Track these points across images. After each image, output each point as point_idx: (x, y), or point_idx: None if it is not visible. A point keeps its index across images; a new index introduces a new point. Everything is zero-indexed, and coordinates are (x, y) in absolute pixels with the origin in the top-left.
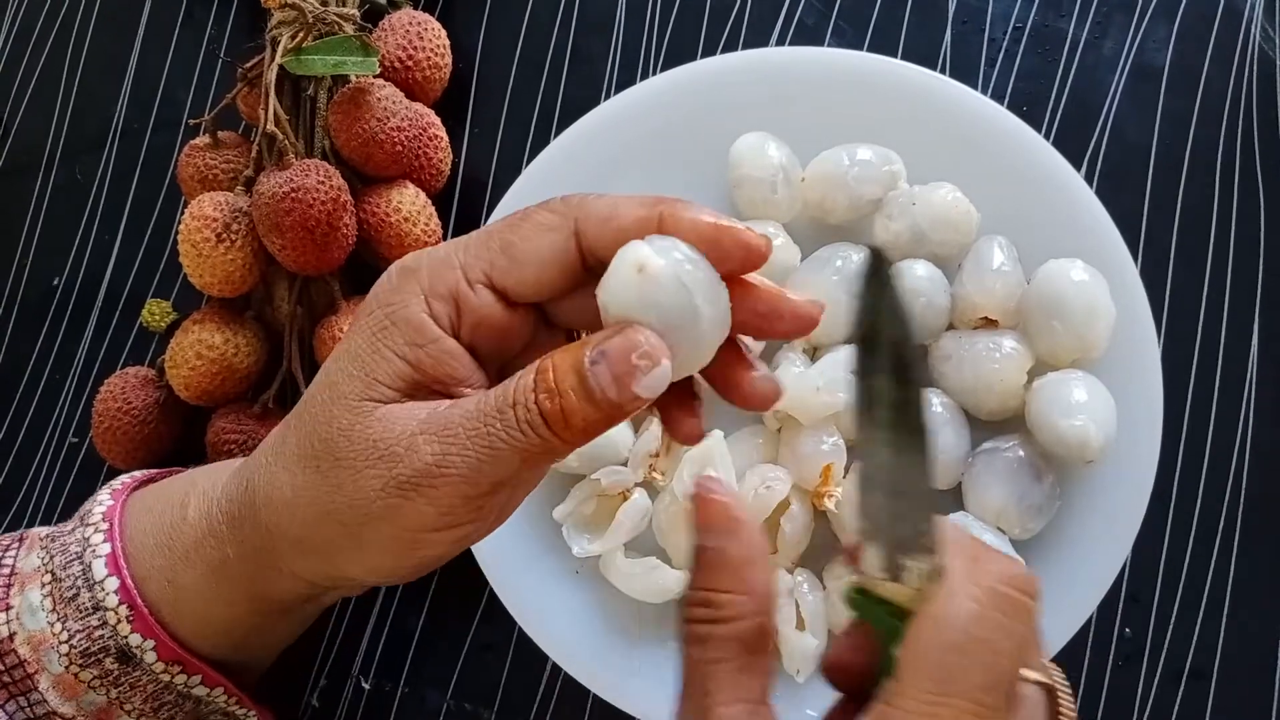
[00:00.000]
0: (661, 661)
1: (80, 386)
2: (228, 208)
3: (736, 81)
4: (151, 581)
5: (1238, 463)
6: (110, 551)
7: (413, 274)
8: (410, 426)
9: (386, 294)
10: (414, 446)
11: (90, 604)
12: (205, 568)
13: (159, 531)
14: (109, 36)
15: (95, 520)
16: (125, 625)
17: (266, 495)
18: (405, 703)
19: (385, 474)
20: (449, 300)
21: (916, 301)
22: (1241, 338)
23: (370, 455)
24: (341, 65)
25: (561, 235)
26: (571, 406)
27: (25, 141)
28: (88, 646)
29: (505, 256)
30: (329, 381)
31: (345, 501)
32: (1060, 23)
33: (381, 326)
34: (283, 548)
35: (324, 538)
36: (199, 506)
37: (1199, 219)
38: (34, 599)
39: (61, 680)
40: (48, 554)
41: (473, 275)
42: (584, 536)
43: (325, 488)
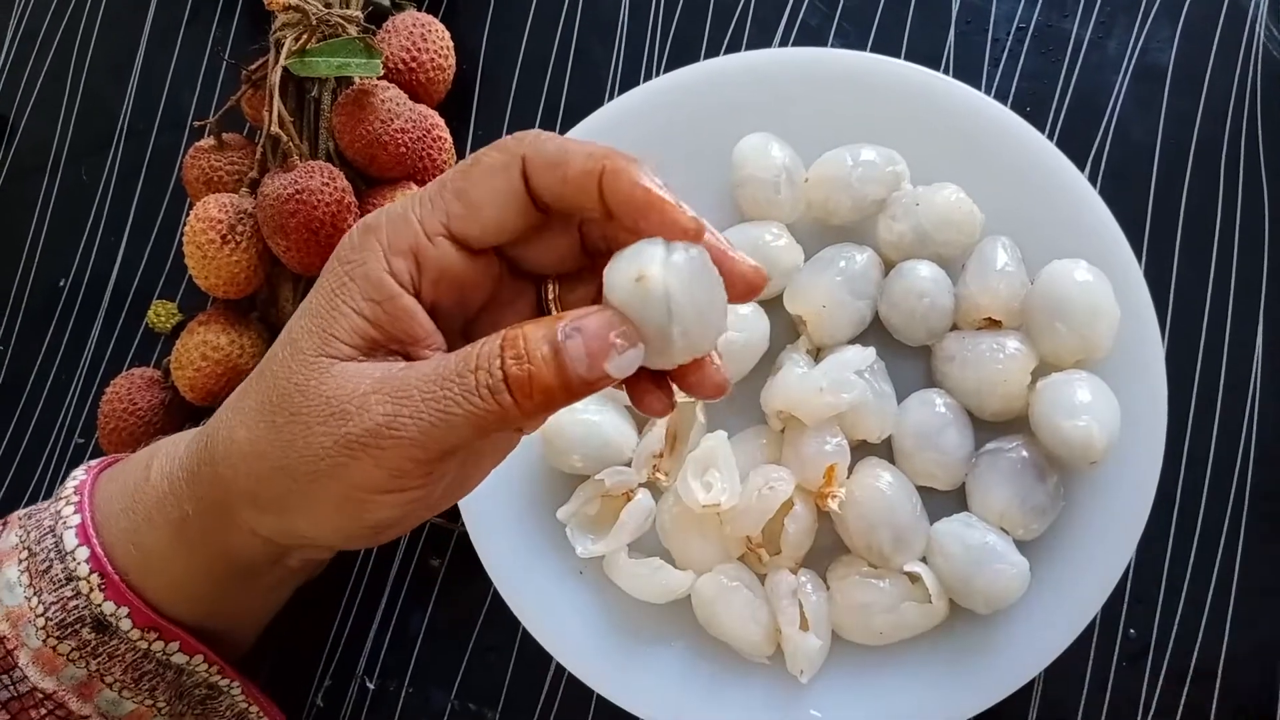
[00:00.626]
0: (665, 662)
1: (86, 387)
2: (232, 209)
3: (740, 82)
4: (119, 546)
5: (1242, 463)
6: (80, 522)
7: (373, 231)
8: (364, 385)
9: (348, 252)
10: (366, 405)
11: (63, 575)
12: (167, 527)
13: (124, 495)
14: (114, 39)
15: (67, 493)
16: (98, 594)
17: (225, 450)
18: (409, 703)
19: (335, 431)
20: (409, 255)
21: (920, 302)
22: (1246, 338)
23: (323, 412)
24: (345, 67)
25: (513, 174)
26: (539, 375)
27: (31, 143)
28: (63, 618)
29: (460, 203)
30: (289, 339)
31: (297, 457)
32: (1064, 23)
33: (341, 284)
34: (238, 502)
35: (276, 493)
36: (161, 467)
37: (1203, 219)
38: (11, 575)
39: (40, 655)
40: (25, 530)
41: (430, 227)
42: (588, 537)
43: (278, 443)
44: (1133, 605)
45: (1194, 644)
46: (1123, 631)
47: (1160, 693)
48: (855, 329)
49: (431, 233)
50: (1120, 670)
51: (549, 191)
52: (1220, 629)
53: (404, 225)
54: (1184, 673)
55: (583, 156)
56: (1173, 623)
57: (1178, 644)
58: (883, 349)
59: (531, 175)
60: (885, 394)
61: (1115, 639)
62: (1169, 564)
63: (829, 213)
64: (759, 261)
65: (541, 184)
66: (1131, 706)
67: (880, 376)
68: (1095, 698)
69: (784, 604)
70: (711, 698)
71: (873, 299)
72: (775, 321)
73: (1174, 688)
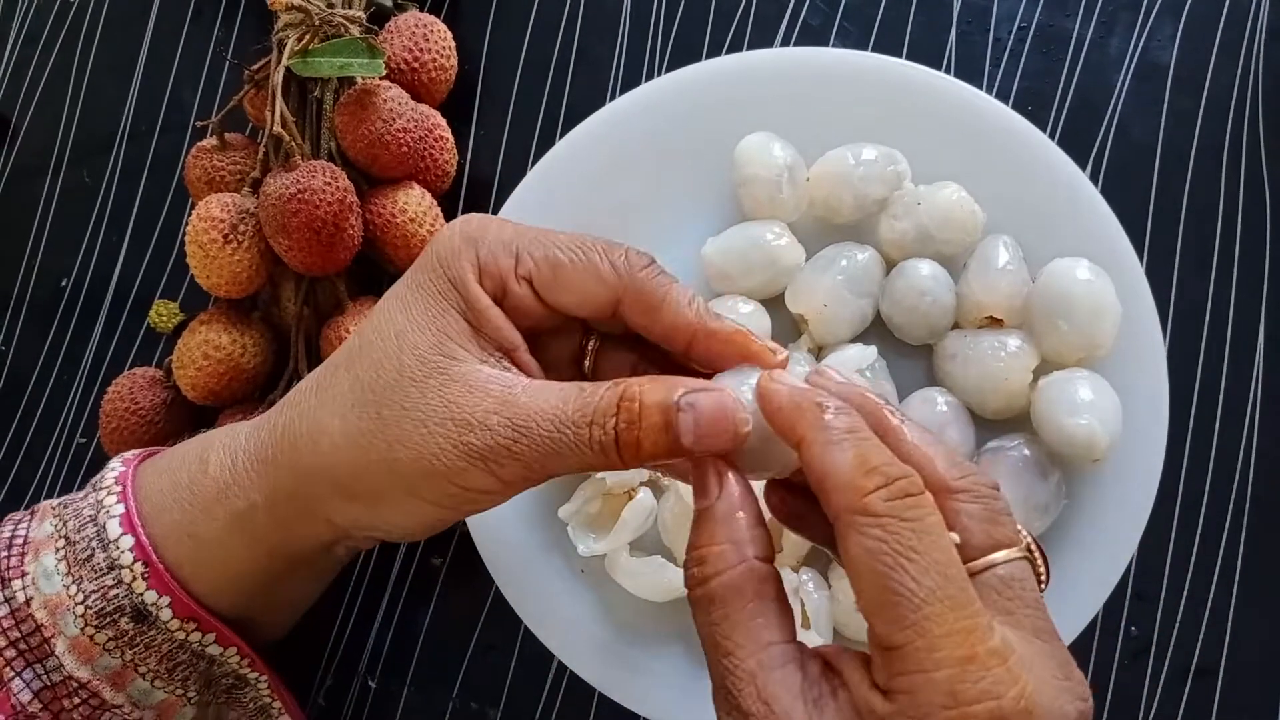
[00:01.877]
0: (667, 660)
1: (88, 387)
2: (235, 209)
3: (741, 82)
4: (170, 539)
5: (1244, 460)
6: (124, 511)
7: (473, 244)
8: (486, 402)
9: (447, 256)
10: (489, 423)
11: (105, 563)
12: (228, 518)
13: (176, 489)
14: (116, 40)
15: (108, 484)
16: (141, 582)
17: (311, 439)
18: (411, 702)
19: (456, 437)
20: (497, 280)
21: (921, 301)
22: (1247, 335)
23: (442, 415)
24: (348, 67)
25: (608, 292)
26: (648, 442)
27: (34, 144)
28: (103, 607)
29: (553, 274)
30: (394, 330)
31: (409, 453)
32: (1065, 22)
33: (443, 288)
34: (324, 492)
35: (374, 485)
36: (220, 460)
37: (1204, 217)
38: (49, 563)
39: (77, 643)
40: (60, 520)
41: (521, 271)
42: (589, 536)
43: (386, 436)
44: (1134, 603)
45: (1196, 641)
46: (1124, 629)
47: (1162, 690)
48: (857, 328)
49: (520, 275)
50: (1122, 668)
51: (634, 321)
52: (1222, 626)
53: (503, 255)
54: (1186, 670)
55: (679, 313)
56: (1175, 620)
57: (1180, 641)
58: (884, 348)
59: (624, 304)
60: (887, 392)
61: (1117, 637)
62: (1171, 561)
63: (831, 212)
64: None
65: (630, 314)
66: (1133, 704)
67: (882, 375)
68: (1097, 695)
69: None
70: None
71: (874, 298)
72: (777, 320)
73: (1176, 685)
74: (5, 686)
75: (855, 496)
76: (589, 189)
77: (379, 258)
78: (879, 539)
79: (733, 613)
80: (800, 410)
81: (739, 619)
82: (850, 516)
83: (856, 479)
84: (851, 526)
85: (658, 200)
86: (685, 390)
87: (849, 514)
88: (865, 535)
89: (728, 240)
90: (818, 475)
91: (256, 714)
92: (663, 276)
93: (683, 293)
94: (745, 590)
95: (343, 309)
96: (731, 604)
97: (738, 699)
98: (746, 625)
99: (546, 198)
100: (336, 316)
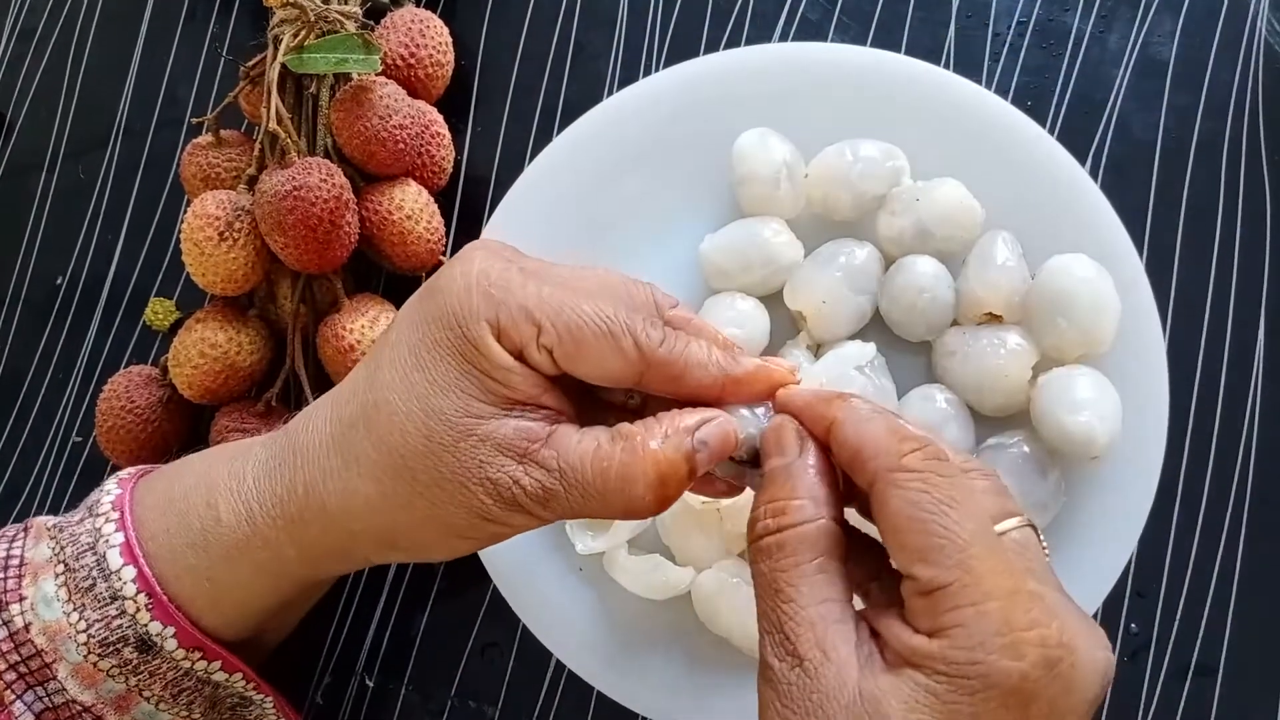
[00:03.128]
0: (665, 659)
1: (84, 385)
2: (230, 206)
3: (739, 78)
4: (185, 579)
5: (1243, 457)
6: (124, 541)
7: (493, 305)
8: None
9: (465, 316)
10: (522, 483)
11: (108, 594)
12: (253, 567)
13: (187, 532)
14: (111, 36)
15: (105, 510)
16: (145, 614)
17: (343, 503)
18: (409, 700)
19: (497, 494)
20: (516, 345)
21: (920, 298)
22: (1247, 332)
23: (479, 475)
24: (343, 63)
25: (630, 370)
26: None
27: (28, 141)
28: (106, 636)
29: (574, 347)
30: (414, 394)
31: (453, 512)
32: (1065, 17)
33: (463, 348)
34: (364, 546)
35: (420, 539)
36: (232, 507)
37: (1204, 214)
38: (48, 590)
39: (80, 669)
40: (58, 544)
41: (543, 341)
42: (587, 534)
43: (428, 498)
44: (1134, 600)
45: (1196, 639)
46: (1124, 627)
47: (1162, 688)
48: (855, 324)
49: (540, 345)
50: (1122, 666)
51: (657, 390)
52: (1222, 624)
53: (524, 322)
54: (1186, 668)
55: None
56: (1174, 618)
57: (1180, 639)
58: (883, 344)
59: (647, 378)
60: (886, 389)
61: (1117, 634)
62: (1171, 559)
63: (829, 208)
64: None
65: (653, 385)
66: (1134, 702)
67: (881, 372)
68: None
69: None
70: (711, 694)
71: (873, 294)
72: (775, 317)
73: (1176, 683)
74: (6, 710)
75: (894, 458)
76: (586, 186)
77: (375, 255)
78: (921, 489)
79: (802, 563)
80: (826, 401)
81: (807, 570)
82: (890, 475)
83: (893, 444)
84: (892, 484)
85: (655, 197)
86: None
87: (889, 473)
88: (906, 489)
89: (726, 237)
90: (852, 448)
91: None
92: (678, 344)
93: (700, 351)
94: (818, 544)
95: (339, 306)
96: (802, 555)
97: (795, 644)
98: (813, 577)
99: (543, 194)
100: (333, 314)
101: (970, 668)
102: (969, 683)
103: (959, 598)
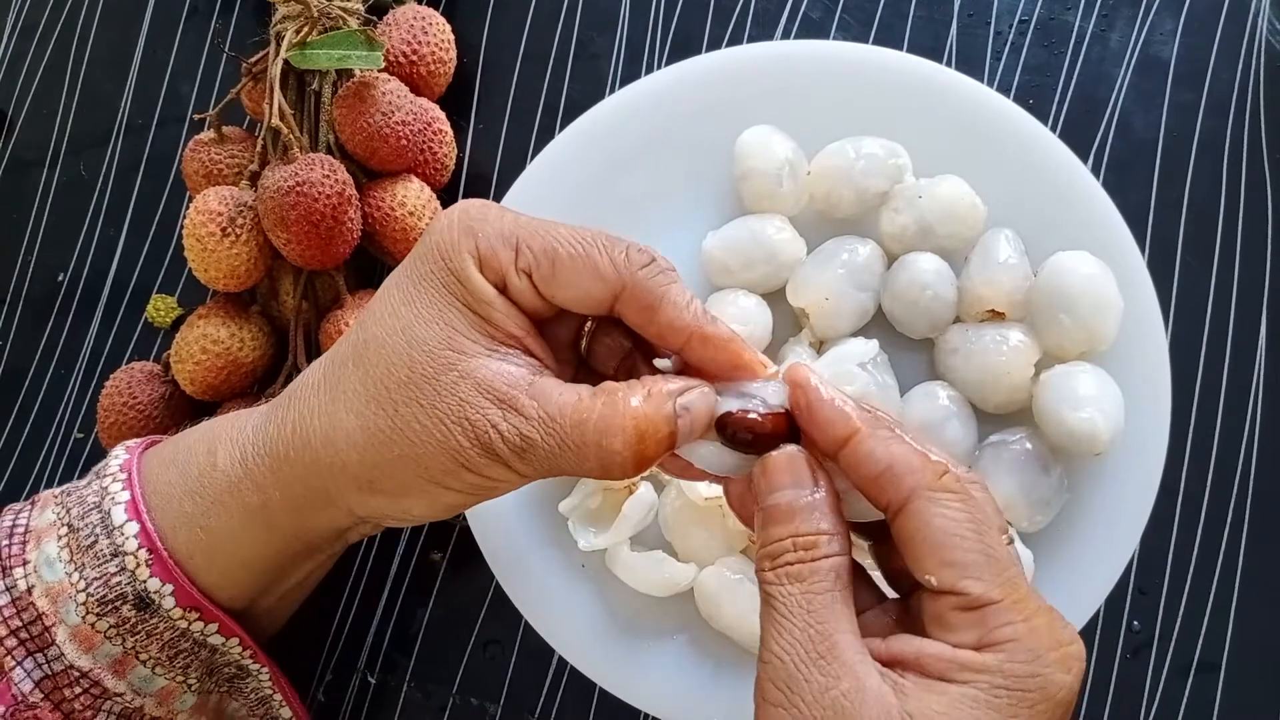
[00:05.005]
0: (667, 655)
1: (86, 381)
2: (233, 202)
3: (742, 75)
4: (180, 530)
5: (1245, 454)
6: (130, 498)
7: (472, 235)
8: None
9: (447, 247)
10: (500, 427)
11: (109, 550)
12: (243, 512)
13: (185, 480)
14: (113, 32)
15: (113, 471)
16: (144, 569)
17: (327, 436)
18: (411, 697)
19: (474, 436)
20: (497, 272)
21: (923, 295)
22: (1249, 328)
23: (458, 413)
24: (346, 60)
25: (606, 289)
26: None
27: (30, 137)
28: (105, 594)
29: (552, 269)
30: (400, 325)
31: (431, 449)
32: (1066, 15)
33: (446, 280)
34: (344, 486)
35: (398, 479)
36: (229, 453)
37: (1206, 211)
38: (50, 551)
39: (78, 632)
40: (63, 508)
41: (521, 264)
42: (589, 530)
43: (405, 432)
44: (1136, 597)
45: (1198, 637)
46: (1127, 624)
47: (1164, 685)
48: (858, 321)
49: (519, 268)
50: (1124, 662)
51: (630, 319)
52: (1224, 621)
53: (502, 247)
54: (1188, 665)
55: (677, 315)
56: (1177, 615)
57: (1182, 636)
58: (886, 341)
59: (621, 301)
60: (888, 386)
61: (1119, 631)
62: (1173, 555)
63: (832, 205)
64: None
65: (626, 311)
66: (1135, 699)
67: (883, 369)
68: (1099, 690)
69: None
70: (714, 691)
71: (876, 291)
72: (778, 314)
73: (1178, 681)
74: (6, 676)
75: (931, 476)
76: (588, 183)
77: (377, 251)
78: (961, 508)
79: (835, 591)
80: (845, 412)
81: (836, 599)
82: (928, 493)
83: (925, 463)
84: (932, 501)
85: (658, 194)
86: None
87: (927, 491)
88: (948, 508)
89: (728, 234)
90: (882, 463)
91: (257, 705)
92: (662, 276)
93: (681, 294)
94: (843, 577)
95: (341, 302)
96: (834, 584)
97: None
98: (843, 607)
99: (545, 191)
100: (335, 310)
101: (1030, 680)
102: (1029, 695)
103: (1011, 613)
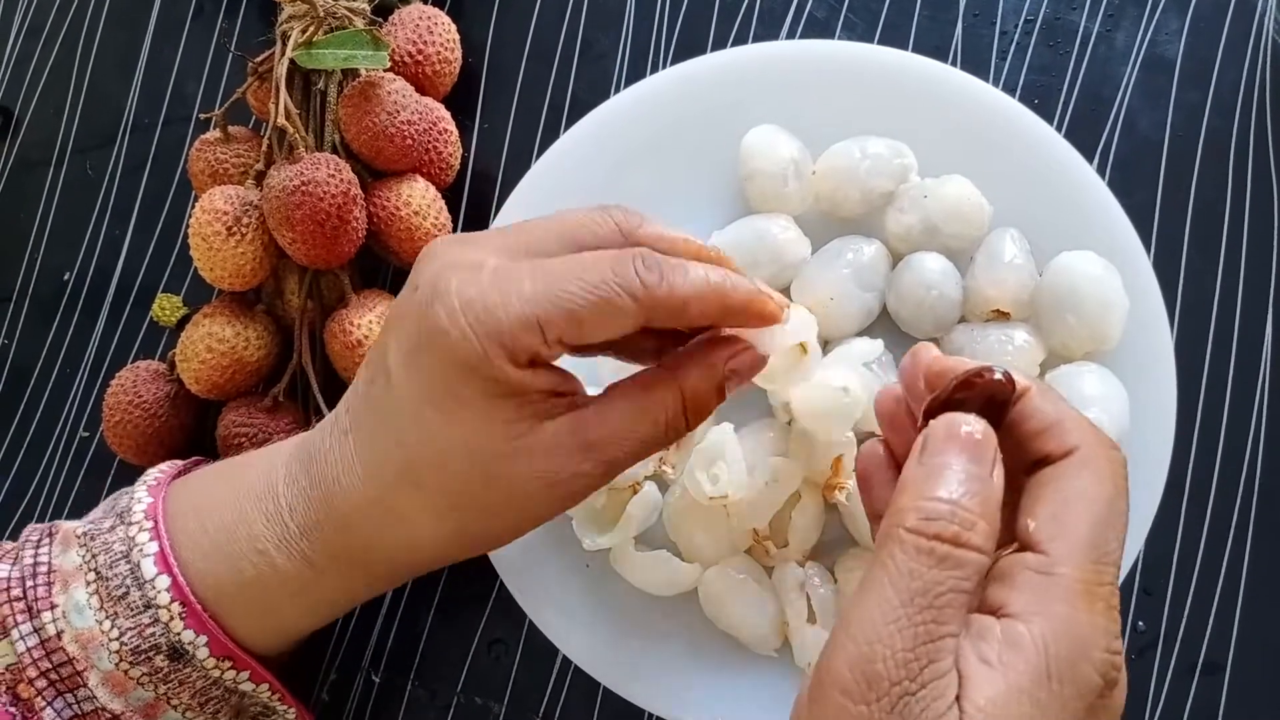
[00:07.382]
0: (672, 655)
1: (91, 380)
2: (238, 201)
3: (747, 75)
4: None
5: (1251, 454)
6: (158, 550)
7: (496, 339)
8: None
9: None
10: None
11: (141, 602)
12: (311, 604)
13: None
14: (119, 31)
15: (138, 519)
16: (178, 622)
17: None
18: (415, 697)
19: (562, 494)
20: (528, 354)
21: (928, 294)
22: (1255, 329)
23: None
24: (352, 59)
25: (634, 321)
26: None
27: (36, 136)
28: (139, 644)
29: (578, 327)
30: (458, 446)
31: (526, 525)
32: (1072, 15)
33: (486, 388)
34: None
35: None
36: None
37: (1212, 211)
38: (79, 598)
39: (111, 677)
40: (88, 553)
41: (550, 337)
42: (594, 530)
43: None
44: (1142, 598)
45: (1203, 637)
46: (1131, 624)
47: (1169, 686)
48: (863, 321)
49: (550, 341)
50: (1130, 663)
51: (664, 323)
52: (1230, 621)
53: (527, 335)
54: (1193, 666)
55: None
56: (1182, 615)
57: (1187, 636)
58: (891, 341)
59: (650, 318)
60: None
61: (1125, 631)
62: (1178, 556)
63: (837, 205)
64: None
65: (656, 322)
66: (1140, 699)
67: (888, 369)
68: None
69: (791, 597)
70: (718, 691)
71: (881, 291)
72: None
73: (1183, 681)
74: (37, 716)
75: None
76: (593, 182)
77: (383, 250)
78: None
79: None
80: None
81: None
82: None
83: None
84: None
85: (663, 194)
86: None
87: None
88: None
89: (733, 234)
90: (1051, 418)
91: None
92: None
93: (694, 284)
94: (975, 579)
95: (347, 302)
96: (970, 582)
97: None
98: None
99: (550, 191)
100: (341, 309)
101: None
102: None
103: None
